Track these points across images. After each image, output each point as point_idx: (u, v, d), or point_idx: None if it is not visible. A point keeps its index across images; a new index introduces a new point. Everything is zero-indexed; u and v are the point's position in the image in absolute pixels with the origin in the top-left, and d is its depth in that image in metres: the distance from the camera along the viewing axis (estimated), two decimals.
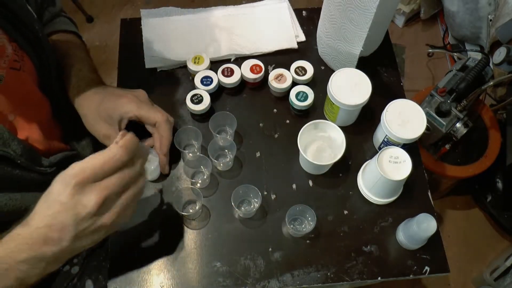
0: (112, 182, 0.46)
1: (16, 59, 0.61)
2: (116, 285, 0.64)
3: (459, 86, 1.13)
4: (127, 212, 0.50)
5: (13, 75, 0.60)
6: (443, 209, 1.60)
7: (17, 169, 0.57)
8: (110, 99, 0.67)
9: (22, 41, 0.62)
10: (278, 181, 0.73)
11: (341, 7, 0.70)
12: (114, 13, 2.02)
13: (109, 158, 0.45)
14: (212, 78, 0.78)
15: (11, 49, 0.60)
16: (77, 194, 0.44)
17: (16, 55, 0.61)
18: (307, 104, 0.76)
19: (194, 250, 0.67)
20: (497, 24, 1.46)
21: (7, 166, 0.55)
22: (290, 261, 0.67)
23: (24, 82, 0.64)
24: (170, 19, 0.90)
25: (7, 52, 0.60)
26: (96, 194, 0.44)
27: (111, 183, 0.46)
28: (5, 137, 0.54)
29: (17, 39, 0.62)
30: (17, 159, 0.56)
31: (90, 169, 0.44)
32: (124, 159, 0.47)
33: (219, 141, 0.72)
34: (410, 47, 1.91)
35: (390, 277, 0.66)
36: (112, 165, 0.46)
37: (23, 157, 0.57)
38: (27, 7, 0.63)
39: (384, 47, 0.86)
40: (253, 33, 0.88)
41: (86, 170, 0.44)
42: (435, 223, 0.62)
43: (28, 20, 0.62)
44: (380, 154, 0.66)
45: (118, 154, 0.46)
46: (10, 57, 0.60)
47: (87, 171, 0.44)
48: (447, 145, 1.28)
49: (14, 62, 0.61)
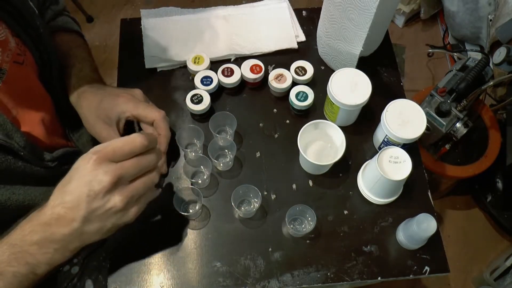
0: (128, 164, 0.49)
1: (19, 53, 0.61)
2: (116, 285, 0.64)
3: (459, 86, 1.13)
4: (137, 202, 0.52)
5: (16, 69, 0.60)
6: (443, 209, 1.60)
7: (20, 161, 0.57)
8: (108, 100, 0.67)
9: (24, 36, 0.62)
10: (278, 181, 0.73)
11: (341, 7, 0.70)
12: (114, 13, 2.02)
13: (129, 141, 0.50)
14: (212, 78, 0.78)
15: (14, 43, 0.60)
16: (95, 169, 0.47)
17: (19, 49, 0.61)
18: (307, 104, 0.76)
19: (194, 250, 0.67)
20: (497, 24, 1.46)
21: (11, 158, 0.56)
22: (290, 261, 0.67)
23: (27, 77, 0.64)
24: (170, 19, 0.90)
25: (10, 46, 0.59)
26: (112, 171, 0.48)
27: (126, 164, 0.49)
28: (8, 129, 0.55)
29: (19, 33, 0.62)
30: (20, 151, 0.56)
31: (111, 148, 0.49)
32: (143, 145, 0.50)
33: (219, 141, 0.72)
34: (410, 47, 1.91)
35: (390, 277, 0.66)
36: (131, 147, 0.50)
37: (26, 149, 0.57)
38: (29, 3, 0.63)
39: (384, 47, 0.86)
40: (253, 33, 0.88)
41: (106, 148, 0.48)
42: (435, 223, 0.62)
43: (30, 15, 0.62)
44: (380, 154, 0.66)
45: (138, 139, 0.50)
46: (13, 51, 0.60)
47: (107, 149, 0.48)
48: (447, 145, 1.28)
49: (18, 56, 0.61)
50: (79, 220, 0.48)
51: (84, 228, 0.49)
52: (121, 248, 0.67)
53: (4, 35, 0.58)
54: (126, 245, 0.67)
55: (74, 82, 0.71)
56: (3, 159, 0.54)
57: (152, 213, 0.70)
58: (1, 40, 0.58)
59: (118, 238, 0.68)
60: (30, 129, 0.62)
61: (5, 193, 0.57)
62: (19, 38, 0.62)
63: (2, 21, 0.59)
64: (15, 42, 0.61)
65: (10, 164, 0.56)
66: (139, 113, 0.67)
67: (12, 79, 0.59)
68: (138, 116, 0.68)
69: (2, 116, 0.54)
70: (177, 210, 0.66)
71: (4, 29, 0.59)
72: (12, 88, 0.59)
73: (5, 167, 0.55)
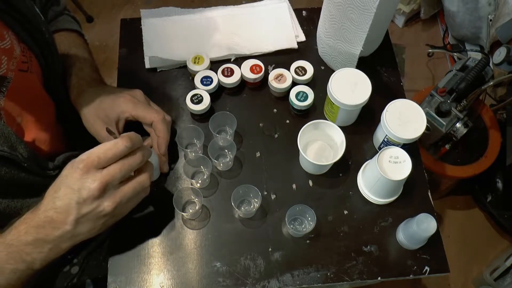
0: (113, 169, 0.50)
1: (24, 61, 0.61)
2: (116, 285, 0.64)
3: (459, 86, 1.13)
4: (127, 204, 0.53)
5: (21, 77, 0.60)
6: (443, 209, 1.60)
7: (23, 172, 0.58)
8: (108, 100, 0.67)
9: (30, 42, 0.63)
10: (278, 181, 0.73)
11: (341, 7, 0.70)
12: (114, 13, 2.02)
13: (112, 146, 0.50)
14: (212, 78, 0.78)
15: (19, 50, 0.61)
16: (82, 177, 0.49)
17: (24, 56, 0.62)
18: (307, 104, 0.76)
19: (194, 250, 0.67)
20: (497, 24, 1.46)
21: (14, 169, 0.56)
22: (290, 261, 0.67)
23: (31, 84, 0.64)
24: (170, 19, 0.90)
25: (15, 54, 0.60)
26: (98, 178, 0.49)
27: (112, 169, 0.50)
28: (13, 140, 0.55)
29: (26, 40, 0.62)
30: (24, 162, 0.56)
31: (95, 155, 0.49)
32: (126, 148, 0.51)
33: (219, 141, 0.72)
34: (410, 47, 1.91)
35: (390, 277, 0.66)
36: (114, 152, 0.50)
37: (29, 160, 0.57)
38: (35, 9, 0.63)
39: (384, 47, 0.86)
40: (253, 33, 0.88)
41: (91, 156, 0.49)
42: (435, 223, 0.62)
43: (36, 21, 0.63)
44: (380, 154, 0.66)
45: (119, 142, 0.50)
46: (18, 59, 0.60)
47: (92, 157, 0.49)
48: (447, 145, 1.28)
49: (22, 64, 0.61)
50: (70, 223, 0.50)
51: (76, 230, 0.50)
52: (121, 248, 0.67)
53: (9, 43, 0.59)
54: (126, 245, 0.67)
55: (75, 81, 0.71)
56: (7, 171, 0.55)
57: (152, 213, 0.70)
58: (6, 49, 0.58)
59: (118, 238, 0.68)
60: (34, 137, 0.63)
61: (4, 201, 0.58)
62: (25, 44, 0.62)
63: (9, 28, 0.60)
64: (21, 50, 0.61)
65: (13, 175, 0.56)
66: (138, 114, 0.67)
67: (17, 87, 0.59)
68: (137, 117, 0.68)
69: (7, 129, 0.55)
70: (177, 210, 0.66)
71: (10, 36, 0.59)
72: (17, 96, 0.59)
73: (9, 178, 0.56)
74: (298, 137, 0.69)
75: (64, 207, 0.49)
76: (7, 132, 0.54)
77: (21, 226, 0.50)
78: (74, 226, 0.50)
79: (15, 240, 0.50)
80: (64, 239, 0.51)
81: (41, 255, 0.51)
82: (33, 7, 0.63)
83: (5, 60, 0.57)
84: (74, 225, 0.50)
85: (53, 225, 0.49)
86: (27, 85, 0.62)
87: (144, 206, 0.70)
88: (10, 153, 0.54)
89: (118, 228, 0.67)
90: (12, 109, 0.59)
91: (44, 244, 0.50)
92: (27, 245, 0.50)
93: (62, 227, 0.49)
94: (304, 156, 0.68)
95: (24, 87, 0.61)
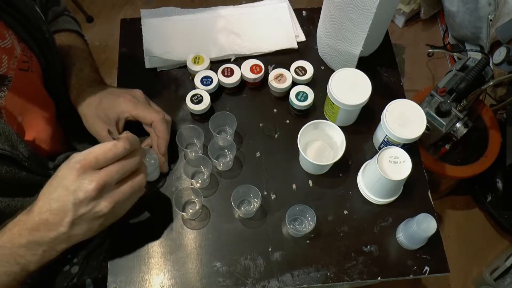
0: (111, 170, 0.49)
1: (24, 60, 0.62)
2: (116, 285, 0.64)
3: (459, 86, 1.13)
4: (123, 204, 0.53)
5: (21, 76, 0.60)
6: (443, 209, 1.60)
7: (24, 171, 0.58)
8: (108, 99, 0.67)
9: (31, 42, 0.63)
10: (278, 181, 0.73)
11: (341, 7, 0.70)
12: (114, 13, 2.02)
13: (111, 147, 0.49)
14: (212, 78, 0.78)
15: (20, 50, 0.61)
16: (79, 178, 0.47)
17: (25, 55, 0.62)
18: (307, 104, 0.76)
19: (194, 250, 0.67)
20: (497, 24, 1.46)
21: (15, 168, 0.56)
22: (290, 261, 0.67)
23: (32, 83, 0.64)
24: (170, 19, 0.90)
25: (16, 53, 0.60)
26: (96, 179, 0.48)
27: (110, 170, 0.49)
28: (13, 139, 0.55)
29: (26, 39, 0.62)
30: (24, 161, 0.56)
31: (93, 156, 0.48)
32: (125, 150, 0.50)
33: (219, 141, 0.72)
34: (410, 47, 1.91)
35: (390, 277, 0.66)
36: (113, 154, 0.49)
37: (30, 160, 0.57)
38: (35, 9, 0.63)
39: (384, 47, 0.86)
40: (253, 33, 0.88)
41: (89, 157, 0.48)
42: (435, 223, 0.62)
43: (37, 21, 0.63)
44: (380, 154, 0.66)
45: (119, 144, 0.50)
46: (18, 58, 0.60)
47: (90, 158, 0.48)
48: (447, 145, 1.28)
49: (23, 63, 0.61)
50: (66, 225, 0.49)
51: (71, 231, 0.50)
52: (121, 248, 0.67)
53: (10, 43, 0.59)
54: (126, 245, 0.67)
55: (74, 81, 0.71)
56: (8, 170, 0.55)
57: (152, 214, 0.70)
58: (7, 48, 0.58)
59: (118, 238, 0.68)
60: (35, 136, 0.63)
61: (5, 200, 0.58)
62: (26, 43, 0.62)
63: (10, 28, 0.60)
64: (21, 49, 0.61)
65: (14, 174, 0.56)
66: (138, 114, 0.67)
67: (18, 86, 0.59)
68: (137, 117, 0.68)
69: (7, 128, 0.55)
70: (177, 210, 0.66)
71: (10, 36, 0.59)
72: (18, 95, 0.59)
73: (9, 177, 0.56)
74: (298, 137, 0.69)
75: (60, 208, 0.48)
76: (7, 131, 0.54)
77: (14, 229, 0.50)
78: (69, 228, 0.49)
79: (8, 242, 0.49)
80: (59, 241, 0.50)
81: (35, 257, 0.50)
82: (33, 7, 0.63)
83: (5, 59, 0.57)
84: (70, 227, 0.49)
85: (48, 227, 0.49)
86: (28, 84, 0.62)
87: (144, 206, 0.70)
88: (10, 152, 0.54)
89: (118, 228, 0.67)
90: (13, 108, 0.59)
91: (38, 247, 0.50)
92: (21, 247, 0.49)
93: (57, 229, 0.49)
94: (304, 156, 0.68)
95: (25, 86, 0.61)
